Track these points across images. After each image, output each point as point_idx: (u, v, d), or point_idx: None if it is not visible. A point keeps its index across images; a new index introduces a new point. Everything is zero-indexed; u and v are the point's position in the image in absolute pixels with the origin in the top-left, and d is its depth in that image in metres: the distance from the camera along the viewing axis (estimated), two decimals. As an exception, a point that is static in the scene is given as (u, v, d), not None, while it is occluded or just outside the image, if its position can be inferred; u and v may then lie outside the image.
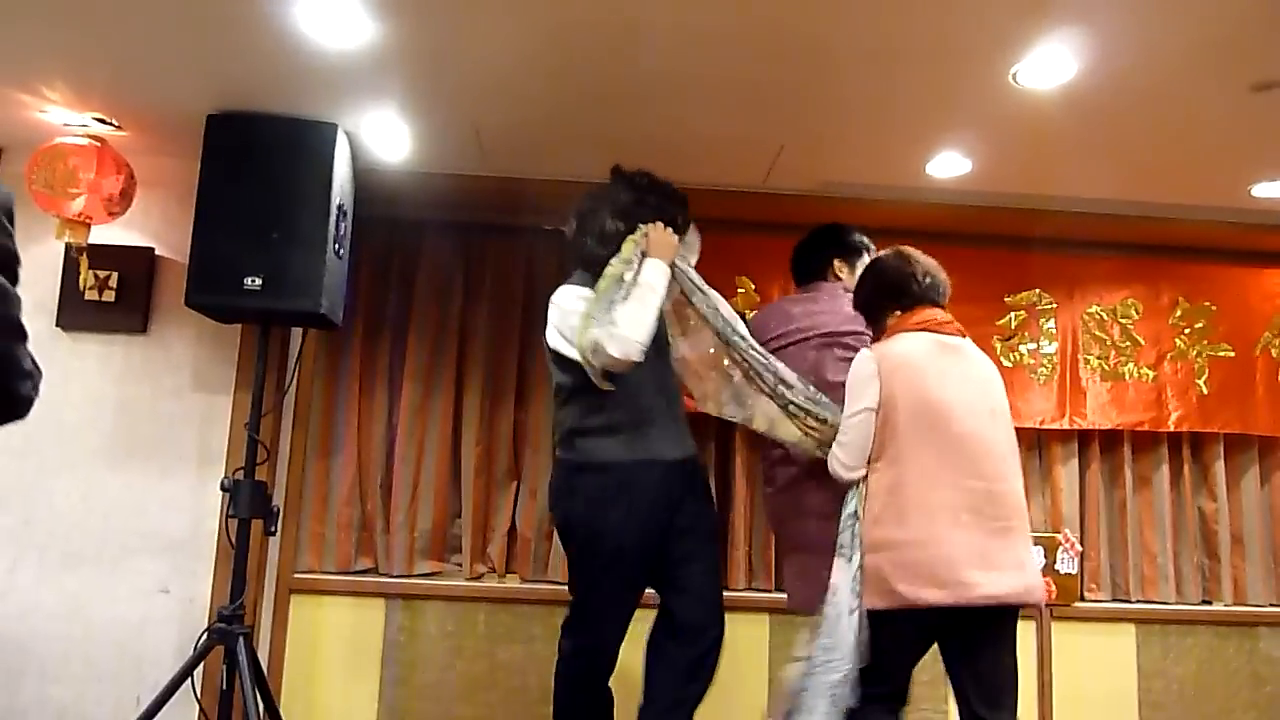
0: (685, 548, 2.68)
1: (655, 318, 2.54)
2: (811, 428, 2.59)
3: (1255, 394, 3.97)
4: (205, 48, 2.64)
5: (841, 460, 2.50)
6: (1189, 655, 3.87)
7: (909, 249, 2.69)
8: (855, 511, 2.45)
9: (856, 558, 2.41)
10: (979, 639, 2.43)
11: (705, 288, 2.71)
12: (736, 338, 2.67)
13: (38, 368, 1.40)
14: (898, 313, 2.59)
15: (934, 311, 2.58)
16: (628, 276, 2.56)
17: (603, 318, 2.47)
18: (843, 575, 2.42)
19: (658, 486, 2.62)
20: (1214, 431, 3.98)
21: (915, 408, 2.41)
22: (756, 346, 2.68)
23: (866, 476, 2.47)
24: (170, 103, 3.03)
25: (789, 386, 2.61)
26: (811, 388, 2.64)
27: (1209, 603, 3.97)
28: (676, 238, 2.69)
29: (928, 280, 2.61)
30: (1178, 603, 3.93)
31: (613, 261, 2.58)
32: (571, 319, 2.56)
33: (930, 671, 3.73)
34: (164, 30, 2.54)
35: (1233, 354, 3.99)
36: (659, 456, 2.64)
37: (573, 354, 2.55)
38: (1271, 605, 3.97)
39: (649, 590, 2.74)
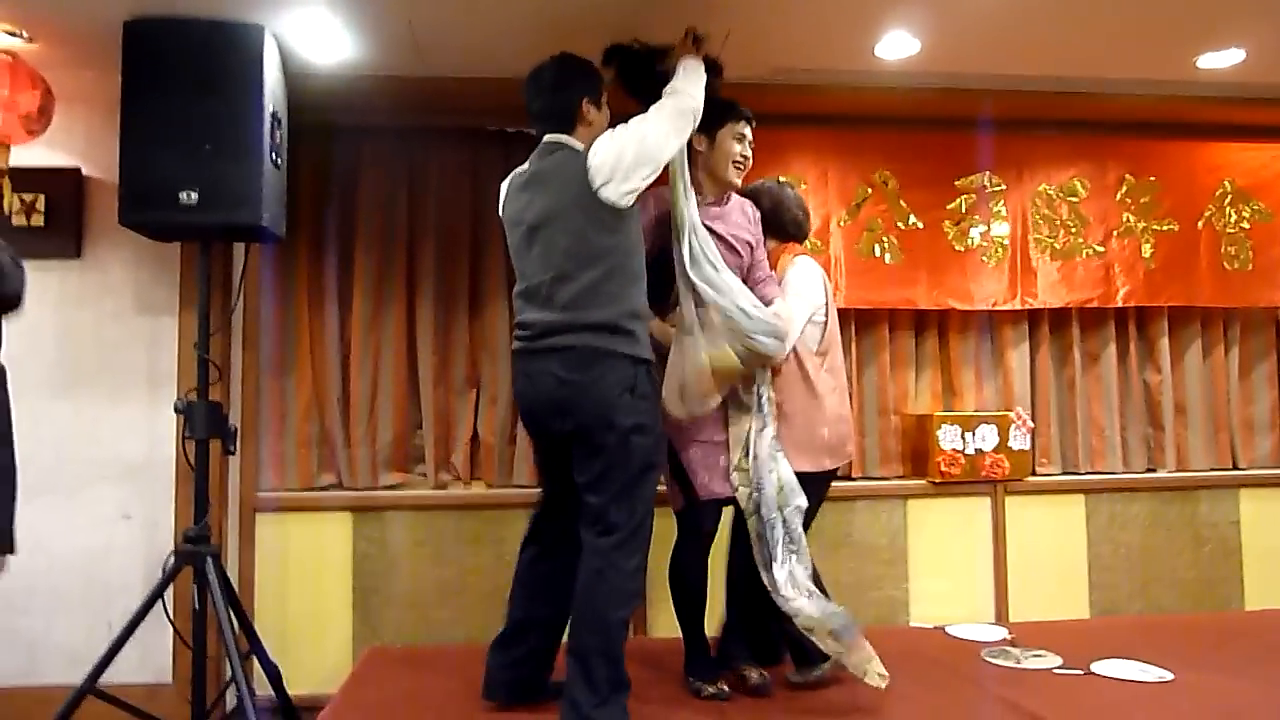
0: None
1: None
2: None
3: (1199, 267, 4.06)
4: (114, -54, 2.48)
5: (785, 349, 2.79)
6: (1135, 521, 4.04)
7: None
8: (766, 391, 2.78)
9: (772, 427, 2.76)
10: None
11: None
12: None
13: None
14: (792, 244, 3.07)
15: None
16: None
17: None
18: (764, 443, 2.73)
19: None
20: (1159, 306, 4.08)
21: (831, 312, 3.00)
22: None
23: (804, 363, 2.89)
24: (82, 9, 2.85)
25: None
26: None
27: (1153, 470, 4.13)
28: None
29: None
30: (1124, 472, 4.08)
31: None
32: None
33: (890, 551, 3.88)
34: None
35: (1177, 228, 4.06)
36: None
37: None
38: (1212, 470, 4.14)
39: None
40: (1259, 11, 3.01)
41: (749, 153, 2.84)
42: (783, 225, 3.02)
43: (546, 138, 2.59)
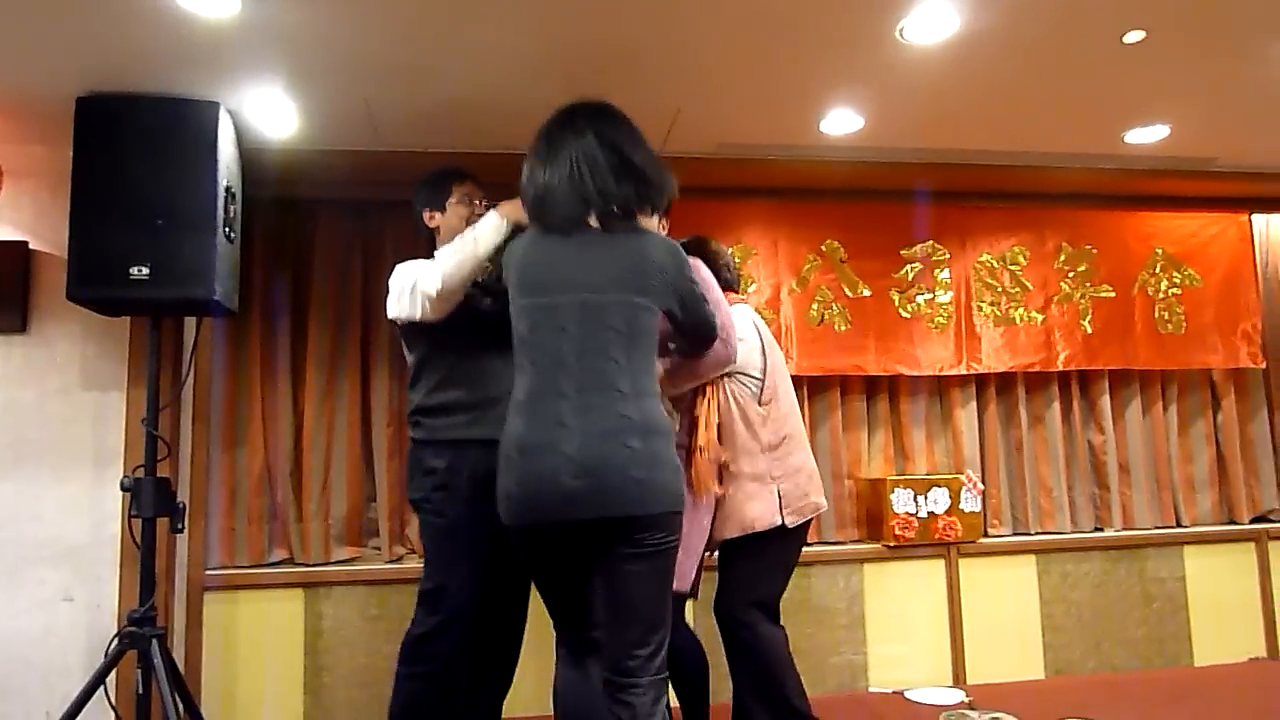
0: None
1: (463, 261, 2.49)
2: None
3: (1135, 331, 4.21)
4: (69, 24, 2.48)
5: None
6: (1085, 580, 4.11)
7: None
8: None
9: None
10: None
11: None
12: None
13: None
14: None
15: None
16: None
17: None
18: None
19: None
20: (1099, 368, 4.20)
21: (771, 360, 2.83)
22: None
23: (748, 413, 2.75)
24: (34, 85, 2.85)
25: None
26: None
27: (1101, 529, 4.22)
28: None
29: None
30: (1073, 531, 4.16)
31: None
32: None
33: (848, 615, 3.89)
34: (22, 4, 2.38)
35: (1113, 294, 4.21)
36: None
37: None
38: (1157, 528, 4.24)
39: None
40: (1180, 91, 3.18)
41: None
42: (718, 271, 2.85)
43: None
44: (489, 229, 2.52)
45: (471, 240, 2.52)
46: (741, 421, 2.73)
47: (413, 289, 2.52)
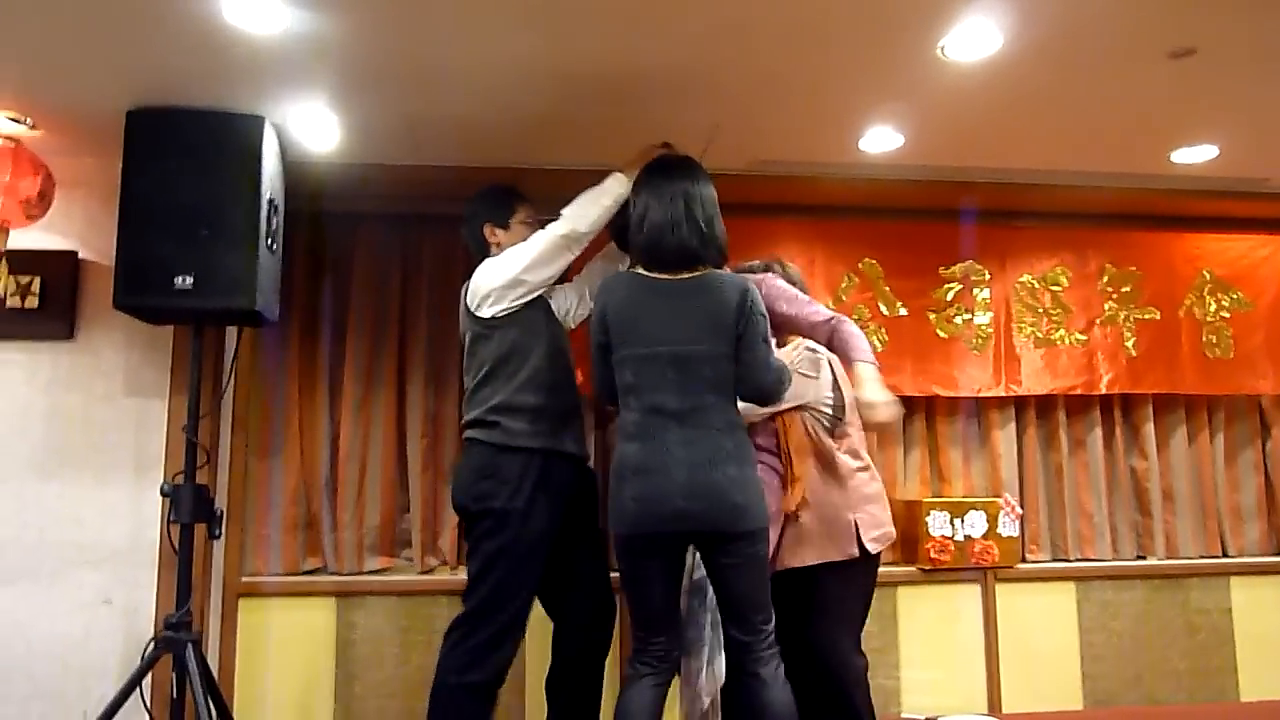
0: None
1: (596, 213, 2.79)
2: None
3: (1180, 354, 4.11)
4: (120, 41, 2.55)
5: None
6: (1126, 609, 4.01)
7: None
8: None
9: None
10: None
11: None
12: None
13: None
14: None
15: None
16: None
17: None
18: None
19: None
20: (1143, 393, 4.12)
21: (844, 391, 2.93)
22: None
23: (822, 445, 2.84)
24: (87, 99, 2.93)
25: None
26: None
27: (1143, 558, 4.11)
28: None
29: None
30: (1114, 559, 4.07)
31: None
32: None
33: (881, 639, 3.83)
34: (76, 23, 2.44)
35: (1158, 316, 4.12)
36: None
37: None
38: (1201, 557, 4.13)
39: None
40: (1229, 110, 3.12)
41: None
42: None
43: None
44: (615, 188, 2.78)
45: (597, 194, 2.78)
46: (819, 452, 2.81)
47: (552, 245, 2.76)
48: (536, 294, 2.82)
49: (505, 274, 2.79)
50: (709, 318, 2.42)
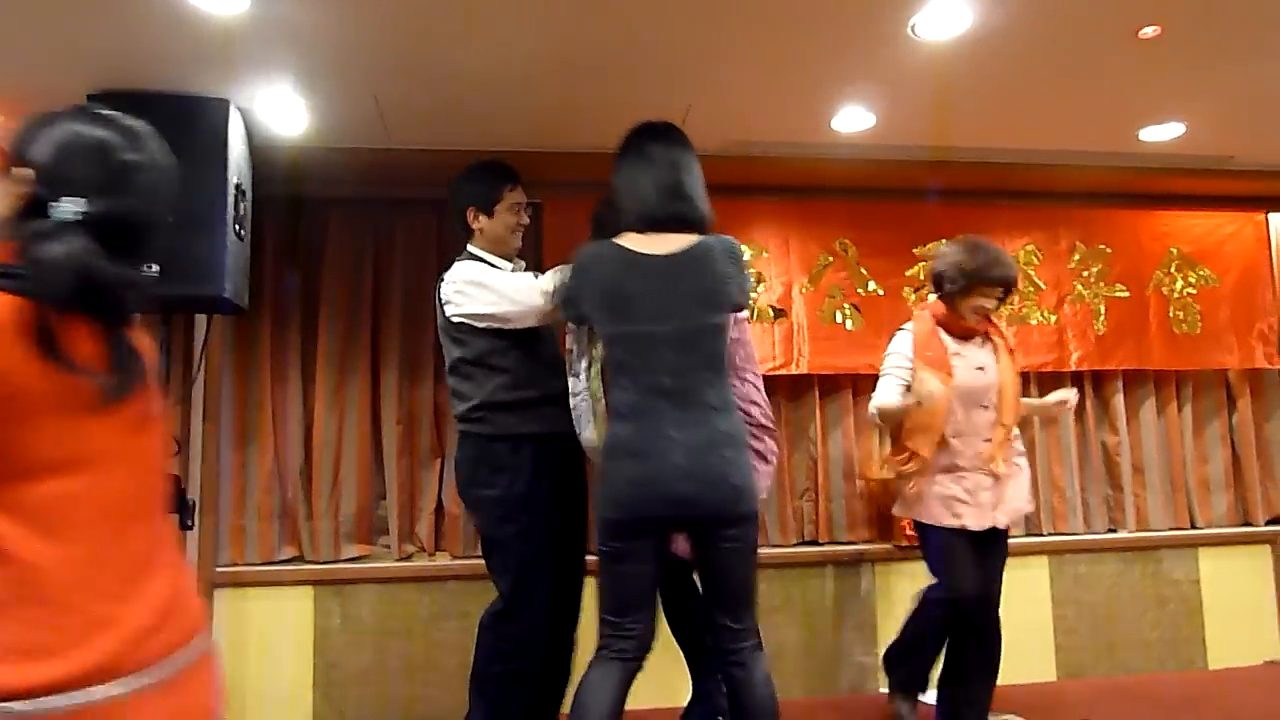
0: None
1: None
2: None
3: (1149, 331, 4.17)
4: (78, 23, 2.48)
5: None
6: (1098, 582, 4.07)
7: None
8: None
9: None
10: None
11: None
12: None
13: None
14: None
15: None
16: None
17: None
18: None
19: None
20: (1113, 369, 4.17)
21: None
22: None
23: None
24: (44, 82, 2.84)
25: None
26: None
27: (1114, 531, 4.18)
28: None
29: None
30: (1086, 533, 4.12)
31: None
32: None
33: (859, 616, 3.87)
34: (30, 5, 2.39)
35: (1127, 294, 4.17)
36: None
37: None
38: (1171, 530, 4.20)
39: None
40: (1196, 88, 3.14)
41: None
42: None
43: None
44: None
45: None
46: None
47: (535, 299, 2.67)
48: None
49: (481, 308, 2.71)
50: (703, 292, 2.33)
